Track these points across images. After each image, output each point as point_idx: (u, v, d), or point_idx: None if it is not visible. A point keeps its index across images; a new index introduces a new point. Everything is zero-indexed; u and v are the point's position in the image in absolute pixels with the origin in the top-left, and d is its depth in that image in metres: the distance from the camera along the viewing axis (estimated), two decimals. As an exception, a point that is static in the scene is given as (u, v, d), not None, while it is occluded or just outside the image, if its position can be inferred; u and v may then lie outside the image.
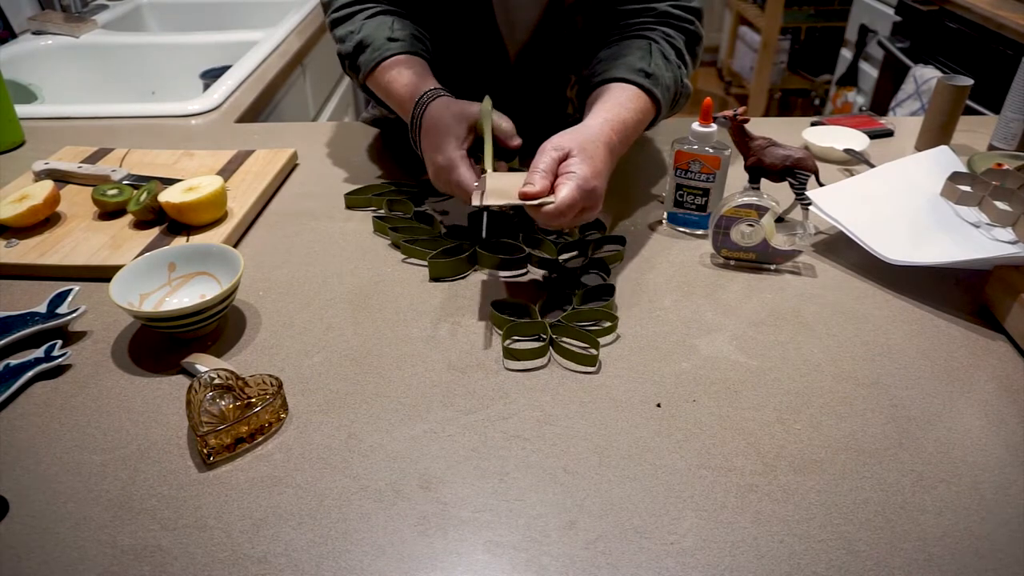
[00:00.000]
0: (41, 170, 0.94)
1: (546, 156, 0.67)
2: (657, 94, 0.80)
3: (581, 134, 0.70)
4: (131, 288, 0.67)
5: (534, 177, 0.66)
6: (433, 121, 0.76)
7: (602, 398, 0.61)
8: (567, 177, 0.66)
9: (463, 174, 0.72)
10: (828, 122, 1.09)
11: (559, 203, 0.65)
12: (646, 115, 0.80)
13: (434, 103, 0.77)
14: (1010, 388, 0.62)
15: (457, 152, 0.73)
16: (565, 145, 0.68)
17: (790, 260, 0.78)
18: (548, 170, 0.67)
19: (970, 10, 2.00)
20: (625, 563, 0.47)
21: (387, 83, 0.83)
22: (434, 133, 0.75)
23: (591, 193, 0.66)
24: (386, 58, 0.83)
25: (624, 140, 0.76)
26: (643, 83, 0.80)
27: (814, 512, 0.51)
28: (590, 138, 0.70)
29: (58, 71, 1.52)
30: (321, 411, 0.60)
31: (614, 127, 0.74)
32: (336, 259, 0.80)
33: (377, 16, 0.88)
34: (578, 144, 0.68)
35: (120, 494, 0.52)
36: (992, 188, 0.76)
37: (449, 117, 0.75)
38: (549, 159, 0.67)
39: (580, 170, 0.66)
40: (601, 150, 0.70)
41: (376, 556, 0.48)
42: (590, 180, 0.66)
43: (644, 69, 0.80)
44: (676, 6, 0.87)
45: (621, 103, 0.77)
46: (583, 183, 0.66)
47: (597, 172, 0.67)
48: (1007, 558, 0.48)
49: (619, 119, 0.75)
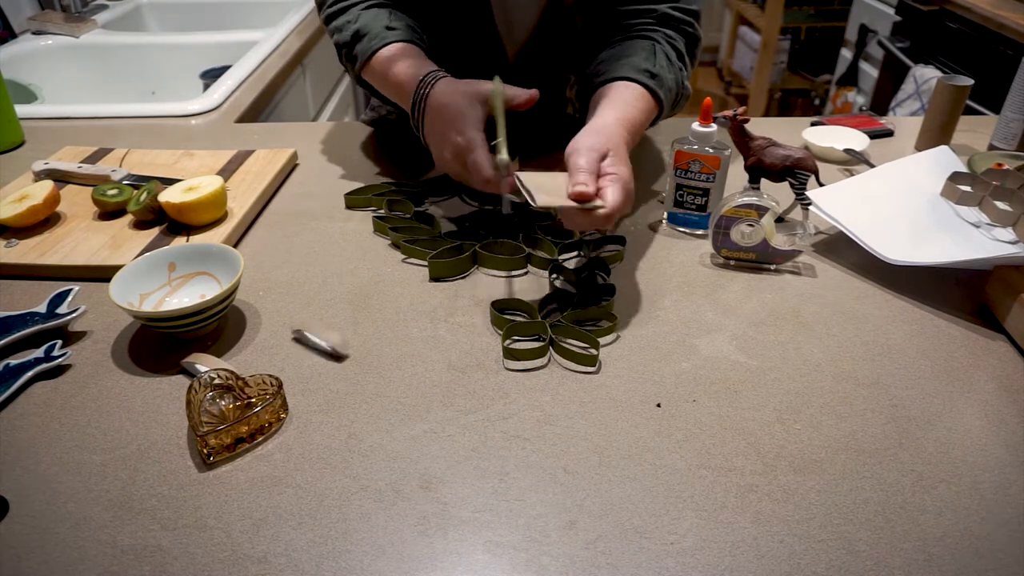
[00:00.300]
0: (41, 170, 0.94)
1: (586, 156, 0.65)
2: (661, 95, 0.80)
3: (606, 135, 0.69)
4: (131, 288, 0.67)
5: (583, 177, 0.64)
6: (443, 101, 0.74)
7: (602, 398, 0.61)
8: (611, 179, 0.65)
9: (481, 156, 0.70)
10: (828, 122, 1.09)
11: (611, 206, 0.63)
12: (650, 115, 0.80)
13: (439, 83, 0.76)
14: (1010, 388, 0.62)
15: (478, 133, 0.71)
16: (600, 145, 0.67)
17: (790, 260, 0.78)
18: (593, 171, 0.65)
19: (970, 10, 2.00)
20: (625, 563, 0.47)
21: (385, 70, 0.82)
22: (446, 113, 0.73)
23: (630, 196, 0.66)
24: (384, 45, 0.83)
25: (633, 138, 0.75)
26: (648, 83, 0.79)
27: (814, 512, 0.51)
28: (614, 139, 0.69)
29: (58, 71, 1.52)
30: (321, 411, 0.60)
31: (626, 126, 0.73)
32: (336, 259, 0.80)
33: (373, 8, 0.88)
34: (613, 144, 0.67)
35: (120, 494, 0.52)
36: (992, 188, 0.76)
37: (461, 97, 0.73)
38: (591, 159, 0.65)
39: (621, 171, 0.65)
40: (624, 150, 0.69)
41: (376, 556, 0.48)
42: (630, 182, 0.66)
43: (649, 69, 0.80)
44: (676, 8, 0.87)
45: (628, 102, 0.77)
46: (627, 184, 0.65)
47: (631, 172, 0.67)
48: (1007, 558, 0.48)
49: (629, 118, 0.75)
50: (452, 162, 0.74)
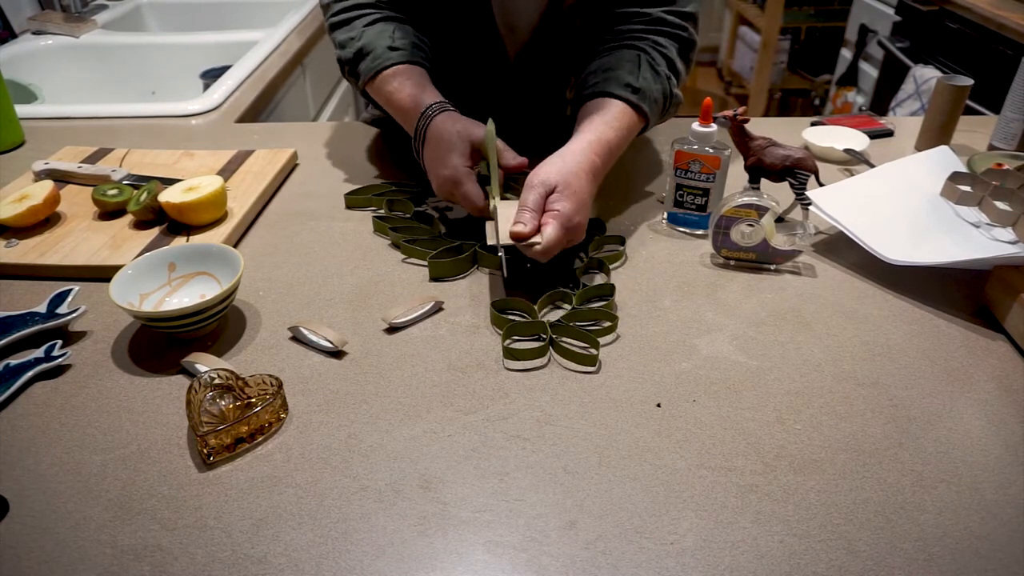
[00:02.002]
0: (41, 170, 0.94)
1: (534, 193, 0.70)
2: (644, 108, 0.82)
3: (565, 165, 0.72)
4: (131, 288, 0.67)
5: (524, 216, 0.69)
6: (437, 134, 0.78)
7: (602, 398, 0.61)
8: (552, 216, 0.69)
9: (470, 188, 0.75)
10: (828, 122, 1.09)
11: (545, 243, 0.68)
12: (632, 130, 0.82)
13: (439, 116, 0.79)
14: (1010, 388, 0.62)
15: (463, 168, 0.75)
16: (551, 180, 0.70)
17: (790, 260, 0.78)
18: (536, 208, 0.69)
19: (970, 10, 2.01)
20: (625, 563, 0.47)
21: (388, 92, 0.84)
22: (438, 146, 0.77)
23: (574, 229, 0.70)
24: (387, 67, 0.84)
25: (607, 160, 0.78)
26: (630, 99, 0.81)
27: (814, 512, 0.51)
28: (573, 170, 0.72)
29: (58, 71, 1.52)
30: (321, 411, 0.60)
31: (596, 150, 0.76)
32: (336, 259, 0.80)
33: (377, 23, 0.88)
34: (563, 178, 0.71)
35: (120, 494, 0.52)
36: (992, 188, 0.76)
37: (454, 133, 0.77)
38: (536, 196, 0.70)
39: (564, 207, 0.69)
40: (583, 180, 0.72)
41: (376, 556, 0.48)
42: (573, 217, 0.69)
43: (631, 84, 0.81)
44: (670, 12, 0.87)
45: (607, 122, 0.79)
46: (566, 221, 0.69)
47: (580, 207, 0.70)
48: (1007, 558, 0.48)
49: (603, 140, 0.77)
50: (442, 190, 0.78)
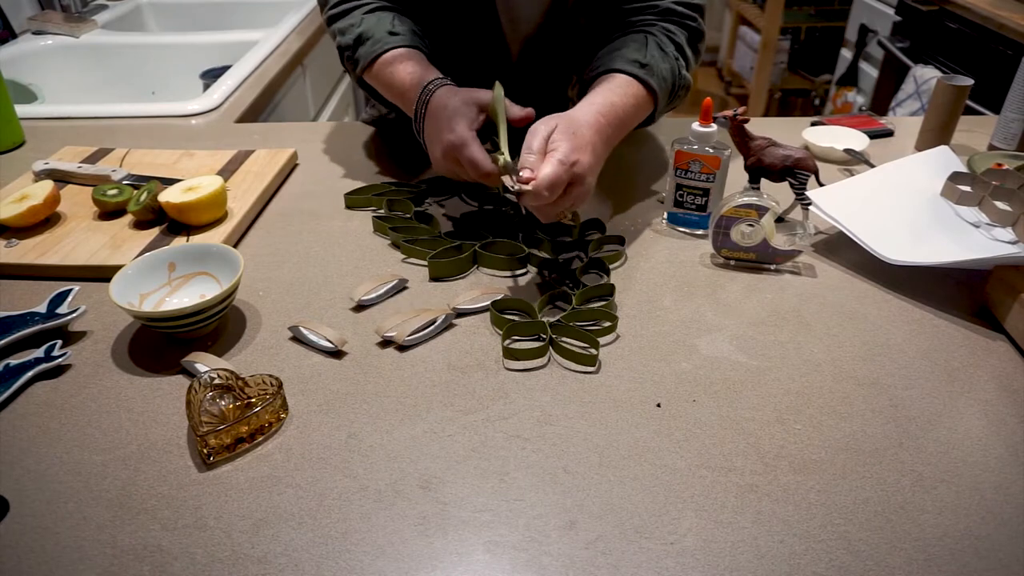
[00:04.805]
0: (41, 170, 0.94)
1: (537, 137, 0.67)
2: (652, 83, 0.80)
3: (567, 115, 0.71)
4: (131, 288, 0.67)
5: (528, 159, 0.66)
6: (441, 105, 0.76)
7: (602, 398, 0.61)
8: (549, 155, 0.66)
9: (475, 152, 0.71)
10: (828, 122, 1.09)
11: (540, 180, 0.64)
12: (640, 101, 0.80)
13: (440, 90, 0.78)
14: (1010, 388, 0.62)
15: (468, 131, 0.73)
16: (551, 123, 0.68)
17: (790, 260, 0.78)
18: (540, 151, 0.67)
19: (970, 10, 2.00)
20: (625, 563, 0.47)
21: (388, 74, 0.83)
22: (442, 114, 0.75)
23: (573, 167, 0.66)
24: (387, 50, 0.84)
25: (614, 122, 0.75)
26: (636, 72, 0.79)
27: (814, 512, 0.51)
28: (575, 118, 0.70)
29: (58, 71, 1.52)
30: (321, 411, 0.60)
31: (601, 110, 0.74)
32: (336, 259, 0.80)
33: (376, 12, 0.88)
34: (564, 122, 0.69)
35: (120, 494, 0.52)
36: (992, 188, 0.76)
37: (458, 101, 0.75)
38: (540, 139, 0.67)
39: (561, 146, 0.66)
40: (585, 129, 0.70)
41: (376, 556, 0.48)
42: (571, 155, 0.66)
43: (638, 60, 0.80)
44: (679, 2, 0.87)
45: (611, 88, 0.77)
46: (564, 157, 0.65)
47: (579, 146, 0.67)
48: (1007, 558, 0.48)
49: (607, 102, 0.75)
50: (443, 160, 0.75)
